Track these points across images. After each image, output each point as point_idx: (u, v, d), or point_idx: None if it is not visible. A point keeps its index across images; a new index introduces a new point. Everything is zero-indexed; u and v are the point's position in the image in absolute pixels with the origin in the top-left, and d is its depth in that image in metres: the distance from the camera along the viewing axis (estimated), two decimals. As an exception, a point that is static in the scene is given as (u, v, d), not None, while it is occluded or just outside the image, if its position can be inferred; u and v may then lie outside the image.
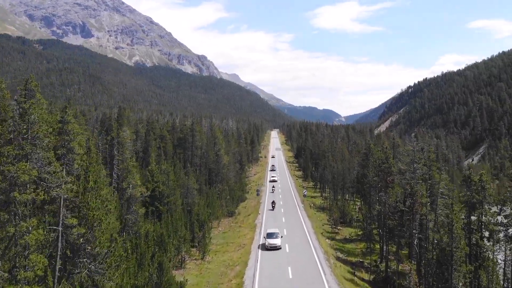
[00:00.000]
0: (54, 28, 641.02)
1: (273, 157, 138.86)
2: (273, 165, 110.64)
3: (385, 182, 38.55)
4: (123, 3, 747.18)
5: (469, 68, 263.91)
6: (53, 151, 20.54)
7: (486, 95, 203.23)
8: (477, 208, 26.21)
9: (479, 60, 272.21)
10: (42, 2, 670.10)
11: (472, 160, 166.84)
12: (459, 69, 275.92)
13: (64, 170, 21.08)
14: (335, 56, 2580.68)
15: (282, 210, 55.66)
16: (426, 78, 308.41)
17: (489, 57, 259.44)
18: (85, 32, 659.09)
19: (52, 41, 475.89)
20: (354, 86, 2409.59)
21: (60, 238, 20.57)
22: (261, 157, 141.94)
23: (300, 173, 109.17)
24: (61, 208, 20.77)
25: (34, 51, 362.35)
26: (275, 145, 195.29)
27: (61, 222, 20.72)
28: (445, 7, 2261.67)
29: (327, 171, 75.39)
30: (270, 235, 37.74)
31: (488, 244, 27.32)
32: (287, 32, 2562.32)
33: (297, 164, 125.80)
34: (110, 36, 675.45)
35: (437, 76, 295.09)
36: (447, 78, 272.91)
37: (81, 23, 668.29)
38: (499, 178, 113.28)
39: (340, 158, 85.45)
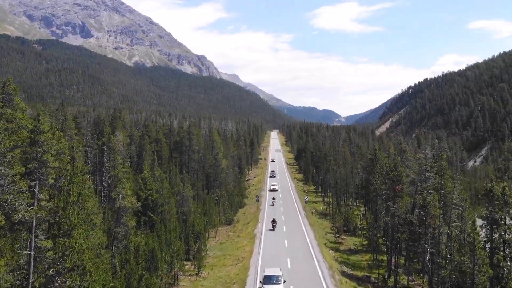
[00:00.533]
0: (54, 29, 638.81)
1: (273, 161, 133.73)
2: (273, 171, 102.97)
3: (393, 191, 36.00)
4: (122, 3, 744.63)
5: (470, 68, 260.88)
6: (23, 166, 18.12)
7: (488, 96, 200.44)
8: (500, 224, 23.83)
9: (480, 60, 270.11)
10: (42, 2, 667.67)
11: (475, 162, 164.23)
12: (460, 70, 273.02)
13: (37, 186, 18.64)
14: (335, 56, 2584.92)
15: (282, 218, 53.21)
16: (427, 78, 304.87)
17: (490, 57, 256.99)
18: (85, 32, 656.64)
19: (51, 41, 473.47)
20: (354, 86, 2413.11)
21: (32, 264, 18.16)
22: (261, 159, 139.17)
23: (300, 176, 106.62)
24: (33, 230, 18.35)
25: (33, 51, 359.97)
26: (275, 146, 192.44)
27: (33, 245, 18.31)
28: (445, 7, 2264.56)
29: (329, 175, 72.85)
30: (268, 280, 27.10)
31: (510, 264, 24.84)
32: (287, 33, 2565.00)
33: (297, 167, 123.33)
34: (109, 36, 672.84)
35: (438, 76, 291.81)
36: (448, 78, 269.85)
37: (80, 23, 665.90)
38: (503, 181, 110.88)
39: (343, 162, 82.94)
